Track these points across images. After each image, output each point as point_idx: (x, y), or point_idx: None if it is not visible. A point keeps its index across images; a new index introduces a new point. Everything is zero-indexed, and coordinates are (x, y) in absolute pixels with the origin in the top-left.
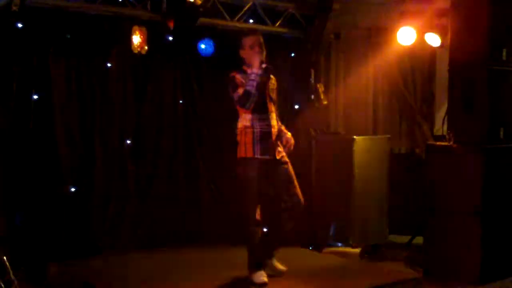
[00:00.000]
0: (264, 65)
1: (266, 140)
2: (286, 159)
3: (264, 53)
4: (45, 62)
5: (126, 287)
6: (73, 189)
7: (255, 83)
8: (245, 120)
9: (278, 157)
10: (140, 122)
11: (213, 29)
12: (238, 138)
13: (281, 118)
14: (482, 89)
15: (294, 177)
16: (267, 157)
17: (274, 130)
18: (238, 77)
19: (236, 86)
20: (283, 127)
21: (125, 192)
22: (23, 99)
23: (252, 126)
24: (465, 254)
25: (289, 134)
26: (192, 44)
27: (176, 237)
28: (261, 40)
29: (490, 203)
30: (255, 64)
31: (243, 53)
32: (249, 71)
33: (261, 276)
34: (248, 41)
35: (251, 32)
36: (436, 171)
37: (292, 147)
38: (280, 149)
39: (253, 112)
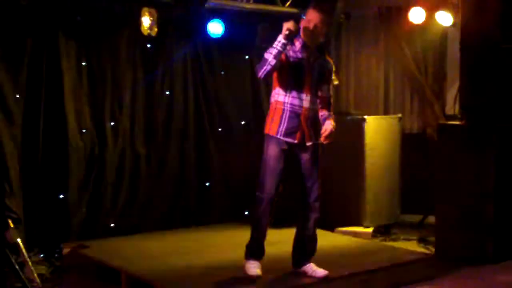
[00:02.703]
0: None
1: (294, 121)
2: (319, 148)
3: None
4: (55, 45)
5: (138, 267)
6: (84, 171)
7: (275, 51)
8: (277, 94)
9: (307, 143)
10: (150, 104)
11: (222, 10)
12: (269, 112)
13: None
14: (493, 67)
15: (316, 171)
16: (290, 140)
17: (309, 114)
18: (281, 48)
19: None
20: (331, 117)
21: (136, 174)
22: (34, 83)
23: (283, 103)
24: (478, 234)
25: (331, 124)
26: (201, 25)
27: (187, 218)
28: (322, 19)
29: (503, 183)
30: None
31: (301, 24)
32: (296, 43)
33: (255, 268)
34: (309, 15)
35: (315, 5)
36: (448, 151)
37: (328, 138)
38: (312, 135)
39: (286, 87)
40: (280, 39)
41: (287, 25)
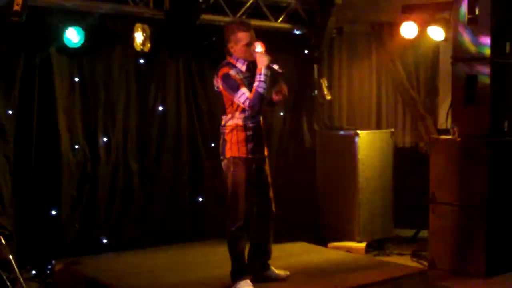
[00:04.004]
0: (278, 68)
1: (257, 137)
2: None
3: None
4: (47, 61)
5: (130, 283)
6: (77, 187)
7: (266, 86)
8: (236, 118)
9: (266, 154)
10: (143, 120)
11: (215, 25)
12: (227, 136)
13: (284, 114)
14: (485, 82)
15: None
16: (257, 155)
17: (262, 125)
18: (233, 73)
19: (236, 85)
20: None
21: (129, 190)
22: (26, 99)
23: (244, 125)
24: (471, 248)
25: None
26: (194, 40)
27: (180, 233)
28: (253, 35)
29: (495, 197)
30: (261, 63)
31: (236, 48)
32: (238, 66)
33: (247, 286)
34: (245, 36)
35: (242, 23)
36: (440, 165)
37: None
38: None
39: (249, 110)
40: (265, 72)
41: (266, 57)
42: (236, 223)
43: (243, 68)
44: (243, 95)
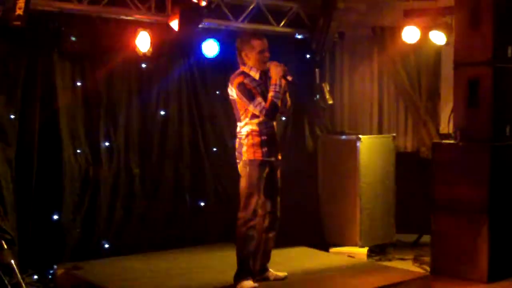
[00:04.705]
0: (290, 78)
1: (272, 142)
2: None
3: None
4: (49, 65)
5: None
6: (79, 192)
7: (280, 96)
8: (251, 124)
9: (279, 158)
10: (145, 124)
11: (217, 30)
12: (243, 141)
13: (286, 119)
14: (487, 87)
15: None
16: (272, 159)
17: (276, 130)
18: (247, 82)
19: (251, 94)
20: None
21: (131, 194)
22: (28, 103)
23: (259, 130)
24: (473, 252)
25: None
26: (196, 45)
27: (182, 238)
28: (267, 44)
29: (498, 201)
30: (276, 74)
31: (250, 56)
32: (252, 74)
33: (251, 286)
34: (259, 44)
35: (257, 34)
36: (442, 170)
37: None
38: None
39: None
40: (279, 82)
41: (281, 68)
42: (248, 223)
43: (257, 76)
44: (259, 105)
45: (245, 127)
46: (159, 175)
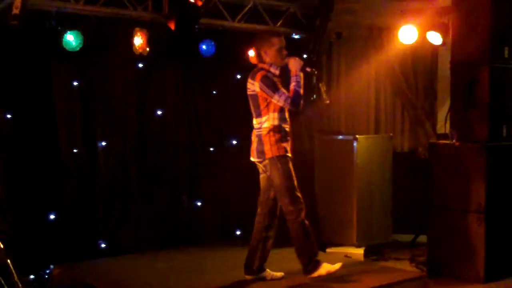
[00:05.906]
0: (309, 69)
1: (289, 138)
2: None
3: None
4: (46, 65)
5: None
6: (76, 192)
7: (301, 85)
8: (273, 119)
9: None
10: (142, 124)
11: (214, 29)
12: (264, 138)
13: None
14: (484, 87)
15: None
16: (290, 154)
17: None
18: (270, 75)
19: (276, 86)
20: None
21: (128, 194)
22: (25, 102)
23: (279, 125)
24: (469, 252)
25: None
26: (193, 45)
27: (179, 238)
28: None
29: (494, 202)
30: (296, 67)
31: (269, 53)
32: (272, 70)
33: (329, 266)
34: (278, 41)
35: (274, 32)
36: (439, 170)
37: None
38: None
39: (280, 111)
40: (299, 73)
41: (299, 61)
42: (300, 214)
43: (277, 72)
44: (284, 94)
45: (266, 123)
46: (156, 175)
